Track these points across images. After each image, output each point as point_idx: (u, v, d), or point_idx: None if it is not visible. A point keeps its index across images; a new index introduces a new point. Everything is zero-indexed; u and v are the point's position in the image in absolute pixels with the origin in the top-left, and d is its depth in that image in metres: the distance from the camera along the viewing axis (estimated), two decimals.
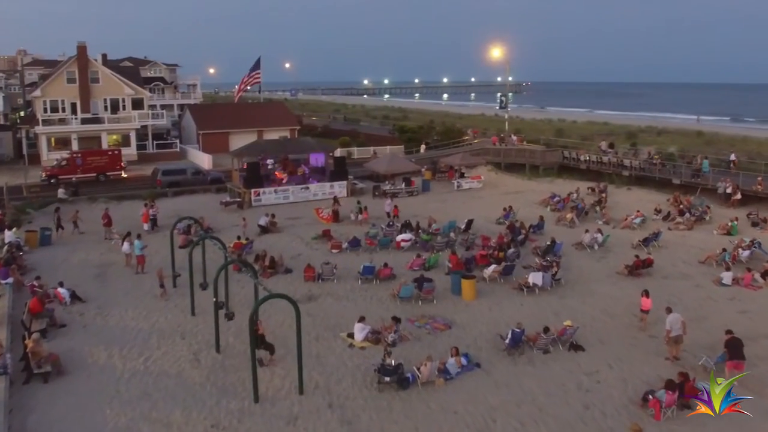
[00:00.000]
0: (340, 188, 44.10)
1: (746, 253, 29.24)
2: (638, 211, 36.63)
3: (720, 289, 25.98)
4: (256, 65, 79.30)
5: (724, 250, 29.13)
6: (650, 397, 16.58)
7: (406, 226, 33.75)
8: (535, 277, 25.24)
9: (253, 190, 41.69)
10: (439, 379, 18.00)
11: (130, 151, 59.68)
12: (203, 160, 57.61)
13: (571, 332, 20.53)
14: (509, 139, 58.91)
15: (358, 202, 38.87)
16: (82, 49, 59.35)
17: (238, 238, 31.63)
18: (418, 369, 17.98)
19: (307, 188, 43.27)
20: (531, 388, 17.92)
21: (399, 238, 31.71)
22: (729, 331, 18.94)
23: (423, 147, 61.23)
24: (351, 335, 21.08)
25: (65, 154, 52.55)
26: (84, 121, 58.62)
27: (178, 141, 64.82)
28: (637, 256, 27.81)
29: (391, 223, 34.93)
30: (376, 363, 18.39)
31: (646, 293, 22.22)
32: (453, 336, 21.44)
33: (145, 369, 19.15)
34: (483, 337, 21.35)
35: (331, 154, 45.58)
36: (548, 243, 30.75)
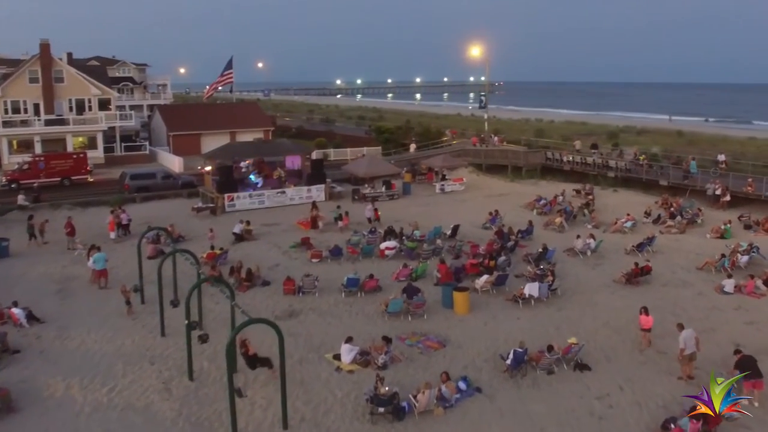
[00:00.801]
0: (318, 192, 42.25)
1: (745, 258, 28.09)
2: (628, 215, 35.38)
3: (723, 298, 24.71)
4: (229, 65, 77.22)
5: (723, 255, 27.96)
6: (672, 426, 15.09)
7: (390, 233, 32.04)
8: (531, 288, 23.70)
9: (226, 195, 39.64)
10: (437, 407, 16.32)
11: (96, 154, 57.16)
12: (174, 163, 55.34)
13: (576, 350, 19.01)
14: (490, 139, 57.54)
15: (338, 207, 37.05)
16: (45, 47, 56.58)
17: (212, 248, 29.61)
18: (415, 397, 16.28)
19: (284, 192, 41.33)
20: (539, 417, 16.31)
21: (383, 246, 29.99)
22: (738, 351, 17.57)
23: (413, 147, 59.58)
24: (337, 357, 19.30)
25: (27, 157, 49.89)
26: (48, 123, 55.89)
27: (147, 143, 62.24)
28: (636, 264, 26.43)
29: (373, 230, 33.20)
30: (368, 390, 16.64)
31: (645, 310, 20.52)
32: (448, 356, 19.79)
33: (109, 402, 17.15)
34: (481, 356, 19.73)
35: (307, 156, 43.61)
36: (540, 250, 29.30)
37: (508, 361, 18.27)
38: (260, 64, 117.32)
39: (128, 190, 42.86)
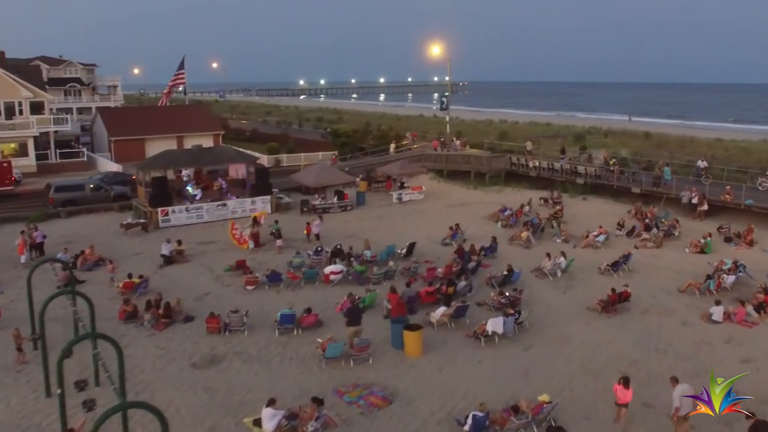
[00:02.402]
0: (263, 204, 38.49)
1: (731, 278, 25.21)
2: (601, 227, 32.39)
3: (712, 328, 21.72)
4: (181, 65, 73.05)
5: (709, 277, 25.03)
6: None
7: (337, 254, 28.50)
8: (494, 324, 20.34)
9: (160, 210, 35.67)
10: None
11: (27, 162, 52.56)
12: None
13: (548, 410, 15.71)
14: (452, 143, 54.32)
15: (275, 222, 33.29)
16: None
17: (129, 276, 25.69)
18: None
19: (225, 205, 37.48)
20: None
21: (327, 270, 26.41)
22: (751, 414, 14.39)
23: (393, 146, 56.13)
24: (258, 422, 15.69)
25: None
26: None
27: (85, 149, 57.61)
28: (613, 290, 23.26)
29: (319, 249, 29.59)
30: None
31: (624, 382, 15.58)
32: (395, 417, 16.32)
33: None
34: (435, 417, 16.28)
35: (252, 164, 39.81)
36: (505, 272, 26.06)
37: (467, 428, 14.89)
38: (214, 64, 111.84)
39: (53, 204, 38.59)
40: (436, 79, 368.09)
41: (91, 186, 40.22)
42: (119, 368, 14.39)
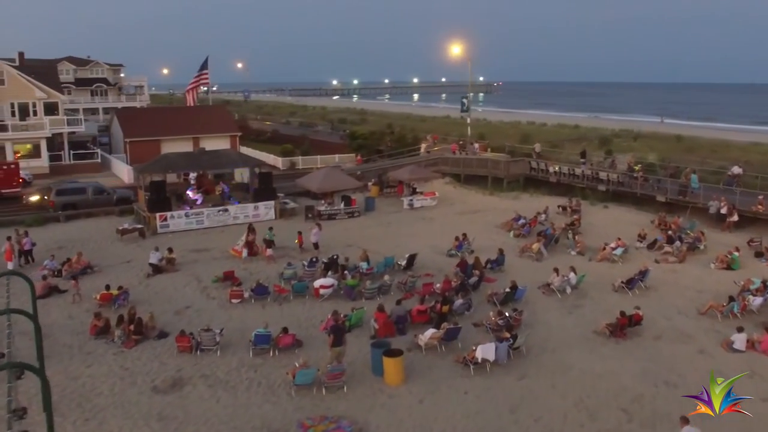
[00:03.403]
0: (266, 209, 37.09)
1: (758, 300, 22.84)
2: (619, 239, 30.12)
3: (732, 358, 19.48)
4: (204, 65, 72.47)
5: (732, 299, 22.69)
6: None
7: (331, 265, 26.83)
8: (485, 351, 18.44)
9: (158, 215, 34.48)
10: None
11: (40, 163, 52.15)
12: (123, 173, 50.41)
13: None
14: (470, 146, 52.24)
15: (269, 230, 31.72)
16: None
17: (107, 287, 24.37)
18: None
19: (226, 210, 36.14)
20: None
21: (317, 283, 24.73)
22: None
23: (423, 147, 54.45)
24: None
25: None
26: None
27: (99, 151, 57.01)
28: (622, 313, 21.12)
29: (314, 260, 27.98)
30: None
31: None
32: None
33: None
34: None
35: (257, 168, 38.40)
36: (507, 289, 24.09)
37: None
38: (239, 65, 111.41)
39: (53, 207, 37.75)
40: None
41: (94, 189, 39.25)
42: (44, 400, 12.91)
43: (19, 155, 52.18)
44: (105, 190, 39.71)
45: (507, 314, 21.73)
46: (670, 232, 31.37)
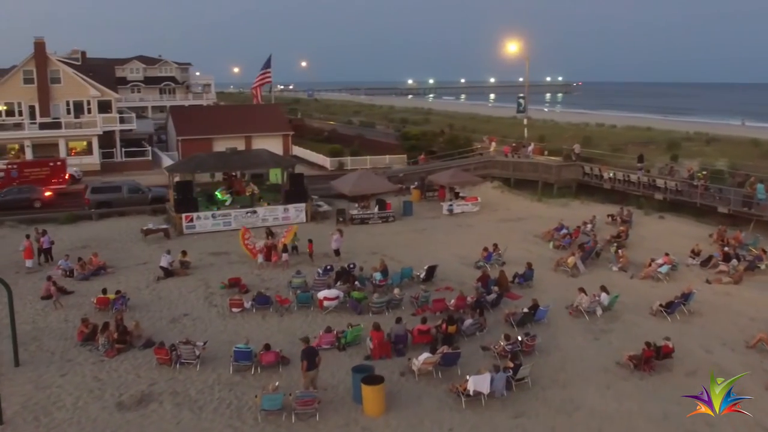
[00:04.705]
0: (297, 212, 35.83)
1: None
2: (666, 255, 27.05)
3: None
4: (267, 64, 72.60)
5: None
6: None
7: (342, 275, 25.17)
8: (478, 382, 16.27)
9: (184, 215, 33.77)
10: None
11: (92, 160, 52.89)
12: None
13: None
14: (523, 149, 49.47)
15: (295, 234, 30.37)
16: (39, 46, 52.54)
17: (104, 291, 23.52)
18: None
19: (255, 212, 35.09)
20: None
21: (321, 295, 23.09)
22: None
23: (494, 145, 52.64)
24: None
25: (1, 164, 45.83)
26: (42, 126, 51.95)
27: (150, 148, 57.49)
28: (647, 345, 18.45)
29: (329, 268, 26.39)
30: None
31: None
32: None
33: None
34: None
35: (290, 169, 37.19)
36: (525, 309, 21.76)
37: None
38: (303, 63, 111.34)
39: (88, 205, 37.77)
40: (548, 79, 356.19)
41: (129, 188, 39.07)
42: None
43: (75, 152, 53.25)
44: (140, 188, 39.50)
45: (519, 338, 19.46)
46: (727, 249, 28.07)
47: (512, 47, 52.74)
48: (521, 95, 55.57)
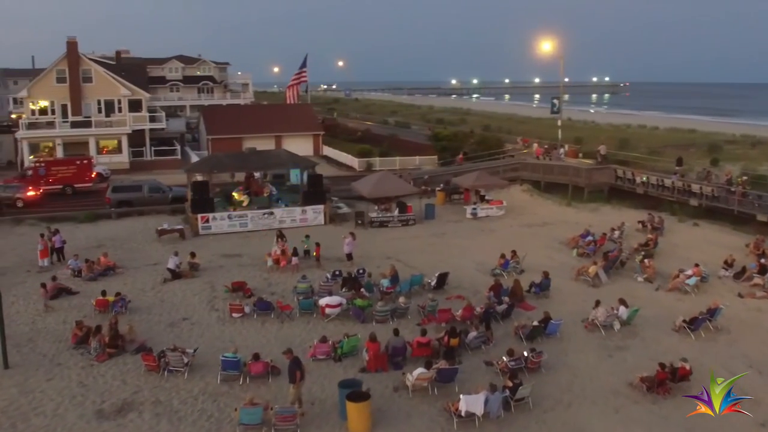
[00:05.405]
0: (315, 214, 35.09)
1: None
2: (696, 266, 25.37)
3: None
4: (303, 64, 72.62)
5: None
6: None
7: (349, 281, 24.26)
8: (470, 403, 15.16)
9: (200, 216, 33.36)
10: None
11: (121, 159, 53.24)
12: None
13: None
14: (555, 151, 47.82)
15: (307, 236, 29.60)
16: (72, 45, 53.13)
17: (103, 293, 23.08)
18: None
19: (272, 213, 34.48)
20: None
21: (323, 302, 22.21)
22: None
23: (536, 146, 51.29)
24: None
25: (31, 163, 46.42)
26: (73, 125, 52.51)
27: (179, 147, 57.63)
28: (662, 366, 17.04)
29: (338, 273, 25.53)
30: None
31: None
32: None
33: None
34: None
35: (309, 170, 36.46)
36: (536, 322, 20.51)
37: None
38: (340, 63, 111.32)
39: (109, 204, 37.74)
40: (595, 80, 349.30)
41: (150, 187, 38.93)
42: None
43: (106, 150, 53.71)
44: (161, 188, 39.30)
45: (525, 354, 18.25)
46: (764, 260, 26.19)
47: (546, 46, 50.96)
48: (555, 97, 53.74)
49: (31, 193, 40.08)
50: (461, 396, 15.39)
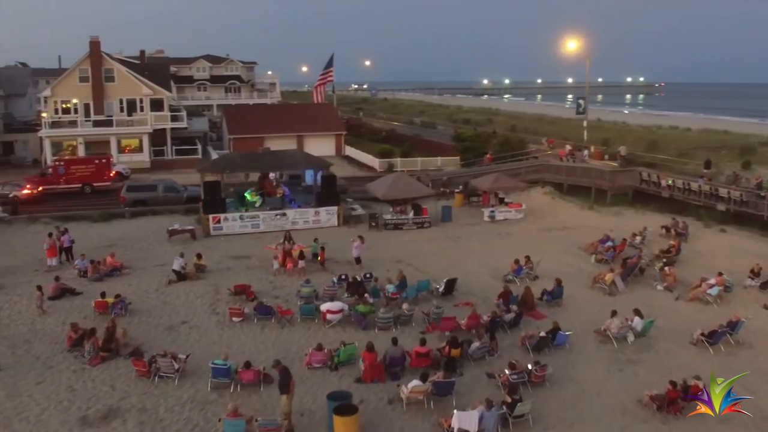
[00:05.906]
0: (328, 215, 34.50)
1: None
2: (720, 275, 24.12)
3: None
4: (329, 63, 72.42)
5: None
6: None
7: (353, 286, 23.56)
8: (463, 420, 14.33)
9: (211, 216, 33.00)
10: None
11: (142, 158, 53.38)
12: None
13: None
14: (579, 153, 46.51)
15: (315, 240, 29.00)
16: (94, 45, 53.51)
17: (102, 295, 22.73)
18: None
19: (284, 214, 33.97)
20: None
21: (324, 307, 21.53)
22: None
23: (568, 148, 50.22)
24: None
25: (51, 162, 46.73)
26: (95, 124, 52.81)
27: (200, 146, 57.58)
28: (672, 384, 15.97)
29: (343, 278, 24.86)
30: None
31: None
32: None
33: None
34: None
35: (324, 170, 35.85)
36: (543, 333, 19.55)
37: None
38: (367, 62, 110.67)
39: (124, 203, 37.65)
40: (629, 80, 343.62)
41: (165, 187, 38.75)
42: None
43: (128, 149, 53.93)
44: (176, 187, 39.11)
45: (529, 366, 17.34)
46: None
47: (572, 45, 49.66)
48: (580, 97, 52.38)
49: (26, 192, 40.24)
50: (455, 412, 14.57)
